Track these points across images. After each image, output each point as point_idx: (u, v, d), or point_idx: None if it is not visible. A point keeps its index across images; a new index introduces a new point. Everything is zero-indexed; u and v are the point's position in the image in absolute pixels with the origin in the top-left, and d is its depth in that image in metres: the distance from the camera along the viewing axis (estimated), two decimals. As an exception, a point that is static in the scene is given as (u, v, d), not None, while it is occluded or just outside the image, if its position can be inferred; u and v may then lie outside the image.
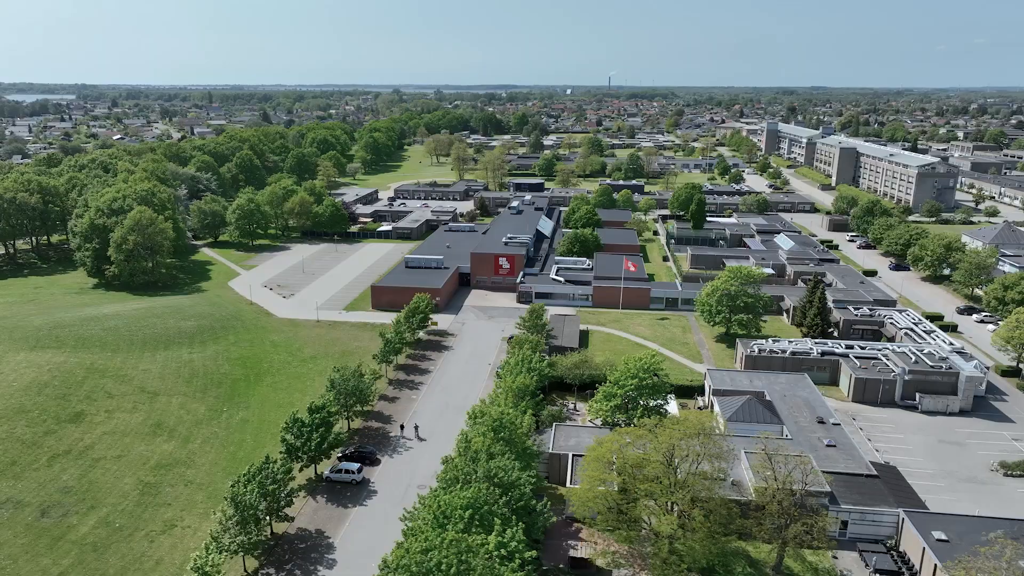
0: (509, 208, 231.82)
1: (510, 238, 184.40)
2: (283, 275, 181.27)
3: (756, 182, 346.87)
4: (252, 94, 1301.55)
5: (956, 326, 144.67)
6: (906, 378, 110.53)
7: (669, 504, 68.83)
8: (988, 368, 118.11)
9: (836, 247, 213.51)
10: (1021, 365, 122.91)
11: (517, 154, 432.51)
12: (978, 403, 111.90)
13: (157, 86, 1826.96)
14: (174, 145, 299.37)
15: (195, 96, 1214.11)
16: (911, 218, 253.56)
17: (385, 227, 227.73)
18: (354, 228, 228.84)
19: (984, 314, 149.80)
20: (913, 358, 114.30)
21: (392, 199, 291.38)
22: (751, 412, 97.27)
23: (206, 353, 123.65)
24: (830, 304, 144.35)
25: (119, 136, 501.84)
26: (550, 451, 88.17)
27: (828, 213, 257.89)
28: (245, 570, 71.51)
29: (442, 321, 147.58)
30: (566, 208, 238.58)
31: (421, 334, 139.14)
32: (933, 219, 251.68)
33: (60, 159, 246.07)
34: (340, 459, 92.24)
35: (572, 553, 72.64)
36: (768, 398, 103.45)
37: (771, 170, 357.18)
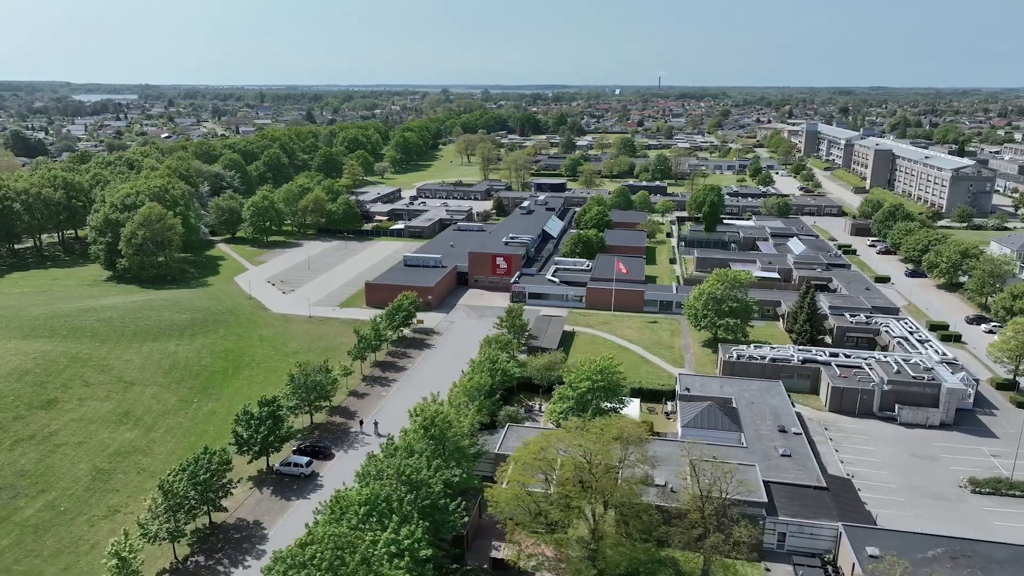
0: (520, 208, 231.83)
1: (512, 238, 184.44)
2: (288, 271, 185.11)
3: (788, 184, 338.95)
4: (304, 94, 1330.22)
5: (960, 336, 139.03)
6: (885, 388, 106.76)
7: (591, 509, 68.08)
8: (978, 380, 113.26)
9: (854, 252, 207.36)
10: (1019, 378, 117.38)
11: (548, 154, 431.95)
12: (964, 417, 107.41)
13: (216, 86, 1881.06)
14: (205, 143, 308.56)
15: (248, 96, 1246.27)
16: (941, 223, 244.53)
17: (398, 226, 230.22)
18: (367, 226, 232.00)
19: (993, 324, 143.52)
20: (895, 368, 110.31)
21: (414, 198, 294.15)
22: (709, 419, 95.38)
23: (192, 345, 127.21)
24: (826, 310, 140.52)
25: (166, 135, 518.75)
26: (496, 452, 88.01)
27: (853, 217, 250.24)
28: (175, 557, 73.43)
29: (432, 319, 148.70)
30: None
31: (407, 332, 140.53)
32: (964, 224, 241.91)
33: (90, 156, 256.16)
34: (295, 452, 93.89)
35: (493, 554, 72.63)
36: (734, 405, 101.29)
37: (804, 172, 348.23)
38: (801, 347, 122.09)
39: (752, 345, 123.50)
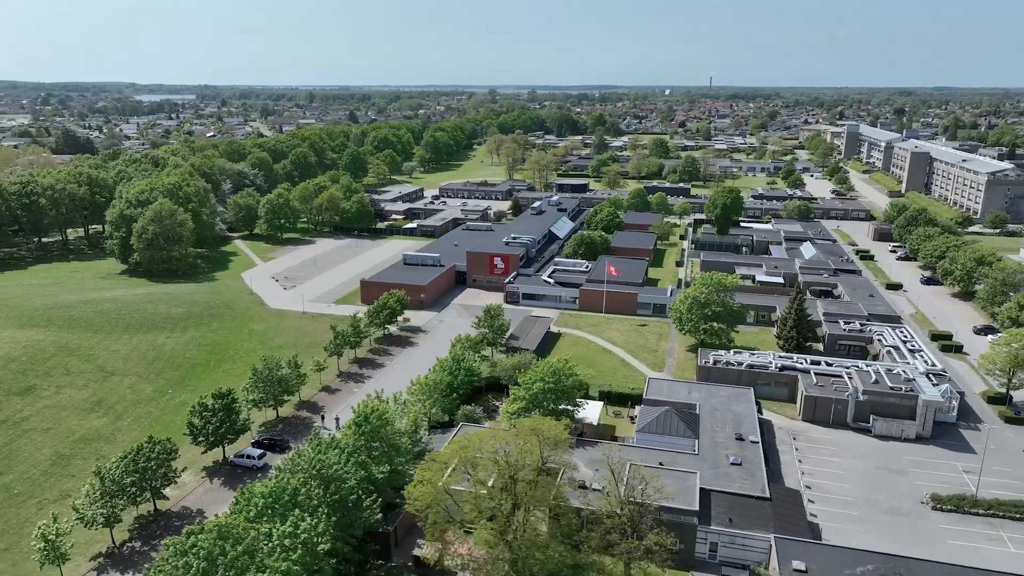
0: (531, 209, 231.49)
1: (513, 238, 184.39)
2: (295, 268, 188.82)
3: (821, 187, 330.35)
4: (353, 94, 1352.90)
5: (961, 347, 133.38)
6: (859, 399, 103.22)
7: (505, 510, 67.74)
8: (962, 393, 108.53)
9: (872, 257, 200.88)
10: (1011, 392, 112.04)
11: (579, 155, 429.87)
12: (945, 430, 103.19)
13: (272, 86, 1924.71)
14: (235, 142, 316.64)
15: (300, 96, 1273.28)
16: (972, 229, 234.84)
17: (411, 224, 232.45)
18: (381, 225, 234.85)
19: (1000, 334, 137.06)
20: (873, 378, 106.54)
21: (435, 197, 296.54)
22: (665, 424, 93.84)
23: (182, 338, 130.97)
24: (820, 317, 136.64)
25: (212, 134, 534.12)
26: (442, 450, 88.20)
27: (882, 221, 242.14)
28: (113, 542, 75.83)
29: (422, 318, 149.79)
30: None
31: (393, 329, 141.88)
32: (997, 230, 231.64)
33: (119, 153, 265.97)
34: (252, 445, 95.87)
35: (415, 552, 72.96)
36: (696, 411, 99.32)
37: (839, 175, 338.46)
38: (782, 354, 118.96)
39: (732, 351, 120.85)
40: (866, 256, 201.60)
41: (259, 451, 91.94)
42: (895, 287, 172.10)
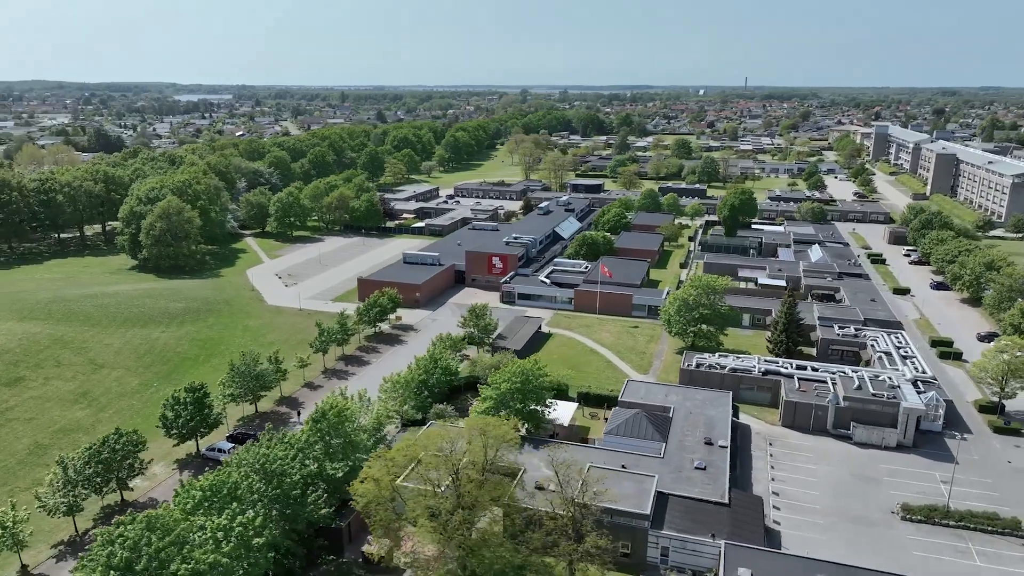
0: (538, 209, 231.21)
1: (515, 238, 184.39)
2: (300, 265, 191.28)
3: (844, 189, 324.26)
4: (386, 94, 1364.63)
5: (961, 354, 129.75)
6: (839, 405, 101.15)
7: (445, 508, 67.86)
8: (949, 401, 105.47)
9: (883, 261, 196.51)
10: (1004, 401, 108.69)
11: (599, 155, 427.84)
12: (929, 439, 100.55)
13: (308, 86, 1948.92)
14: (254, 142, 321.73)
15: (333, 96, 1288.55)
16: (993, 233, 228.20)
17: (419, 224, 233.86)
18: (391, 224, 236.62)
19: (1004, 342, 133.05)
20: (856, 384, 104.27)
21: (450, 196, 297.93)
22: (633, 427, 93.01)
23: (176, 333, 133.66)
24: (815, 321, 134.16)
25: (241, 133, 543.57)
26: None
27: (899, 224, 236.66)
28: (76, 530, 77.76)
29: (416, 316, 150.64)
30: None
31: (385, 327, 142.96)
32: (1020, 235, 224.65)
33: (138, 151, 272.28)
34: (227, 439, 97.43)
35: (364, 548, 73.47)
36: (670, 415, 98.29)
37: (862, 176, 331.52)
38: (768, 359, 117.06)
39: (718, 354, 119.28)
40: (877, 260, 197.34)
41: (231, 445, 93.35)
42: (902, 292, 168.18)
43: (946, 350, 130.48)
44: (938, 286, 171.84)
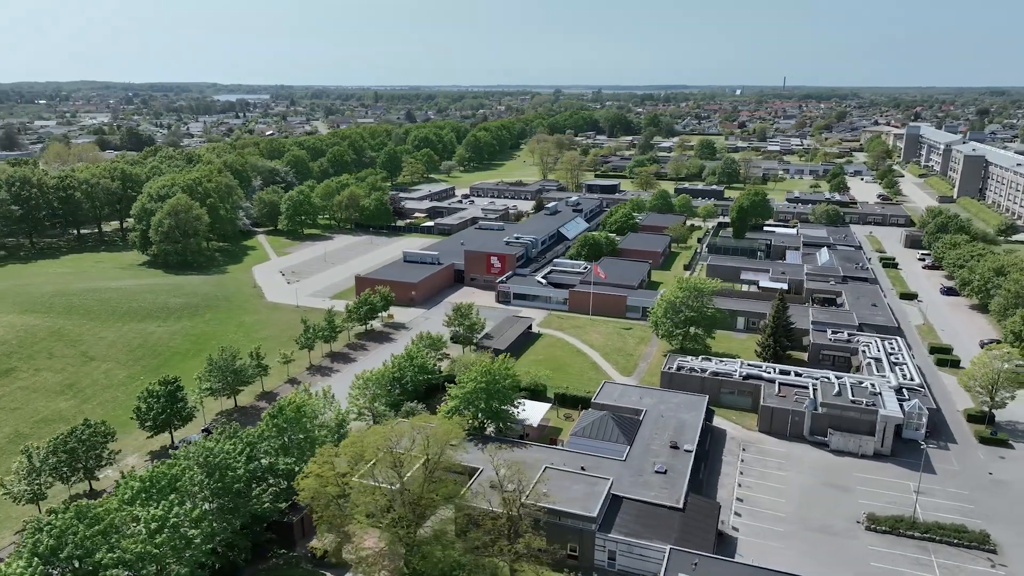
0: (546, 208, 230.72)
1: (516, 238, 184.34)
2: (305, 263, 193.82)
3: (870, 191, 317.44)
4: (419, 94, 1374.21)
5: (959, 362, 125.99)
6: (816, 411, 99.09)
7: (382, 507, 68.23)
8: (935, 409, 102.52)
9: (895, 265, 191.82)
10: (995, 411, 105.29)
11: (621, 155, 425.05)
12: (910, 448, 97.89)
13: (346, 86, 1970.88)
14: (275, 141, 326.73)
15: (367, 96, 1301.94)
16: (1017, 237, 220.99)
17: (428, 223, 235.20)
18: (401, 223, 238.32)
19: (1005, 351, 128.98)
20: (836, 390, 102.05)
21: (465, 196, 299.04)
22: (599, 429, 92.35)
23: (172, 328, 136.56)
24: (808, 326, 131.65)
25: (270, 132, 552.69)
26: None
27: (918, 227, 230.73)
28: (41, 518, 79.93)
29: (410, 315, 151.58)
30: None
31: (377, 325, 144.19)
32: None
33: (157, 150, 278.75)
34: (202, 431, 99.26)
35: (310, 544, 74.21)
36: (640, 418, 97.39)
37: (888, 178, 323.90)
38: (751, 363, 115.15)
39: (701, 358, 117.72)
40: (890, 263, 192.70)
41: (197, 437, 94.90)
42: (910, 297, 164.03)
43: (944, 357, 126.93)
44: (948, 291, 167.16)
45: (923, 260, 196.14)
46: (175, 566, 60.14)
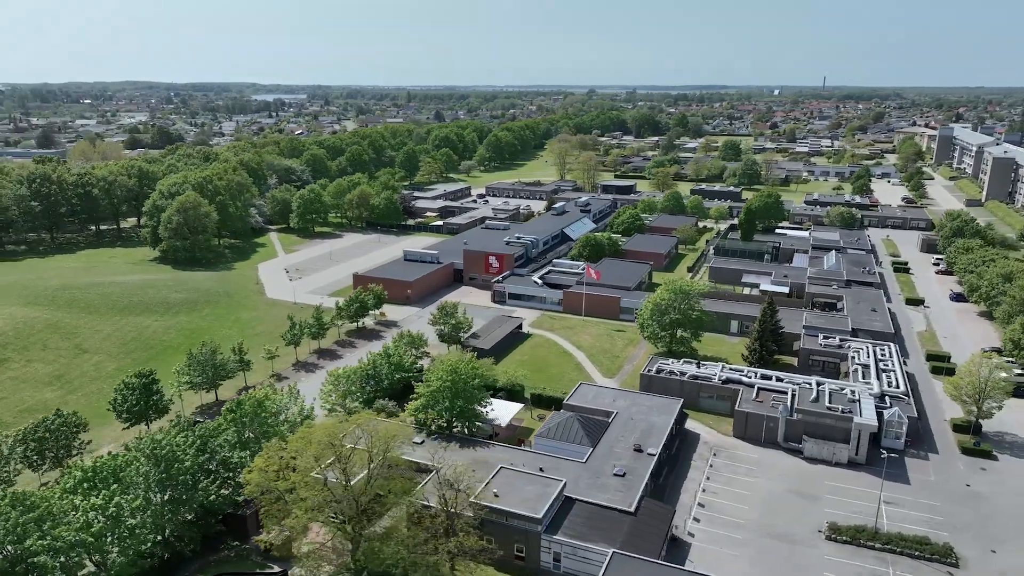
0: (553, 209, 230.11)
1: (517, 238, 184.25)
2: (310, 260, 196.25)
3: (896, 193, 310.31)
4: (452, 94, 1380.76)
5: (955, 370, 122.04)
6: (790, 418, 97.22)
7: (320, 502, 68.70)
8: (915, 418, 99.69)
9: (907, 270, 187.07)
10: (981, 420, 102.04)
11: (644, 155, 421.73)
12: (888, 457, 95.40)
13: (382, 87, 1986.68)
14: (295, 140, 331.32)
15: (401, 96, 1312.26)
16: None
17: (438, 222, 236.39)
18: (411, 222, 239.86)
19: (1006, 359, 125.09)
20: (814, 396, 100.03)
21: (480, 196, 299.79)
22: (563, 431, 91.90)
23: (168, 322, 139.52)
24: (800, 330, 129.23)
25: (300, 132, 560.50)
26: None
27: (937, 231, 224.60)
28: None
29: (404, 313, 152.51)
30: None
31: (369, 322, 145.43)
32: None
33: (176, 148, 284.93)
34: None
35: (256, 537, 75.06)
36: (609, 420, 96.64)
37: (914, 181, 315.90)
38: (732, 367, 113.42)
39: (683, 361, 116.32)
40: (902, 268, 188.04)
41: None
42: (916, 302, 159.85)
43: (939, 365, 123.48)
44: (957, 297, 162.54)
45: (938, 265, 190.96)
46: (113, 555, 61.47)
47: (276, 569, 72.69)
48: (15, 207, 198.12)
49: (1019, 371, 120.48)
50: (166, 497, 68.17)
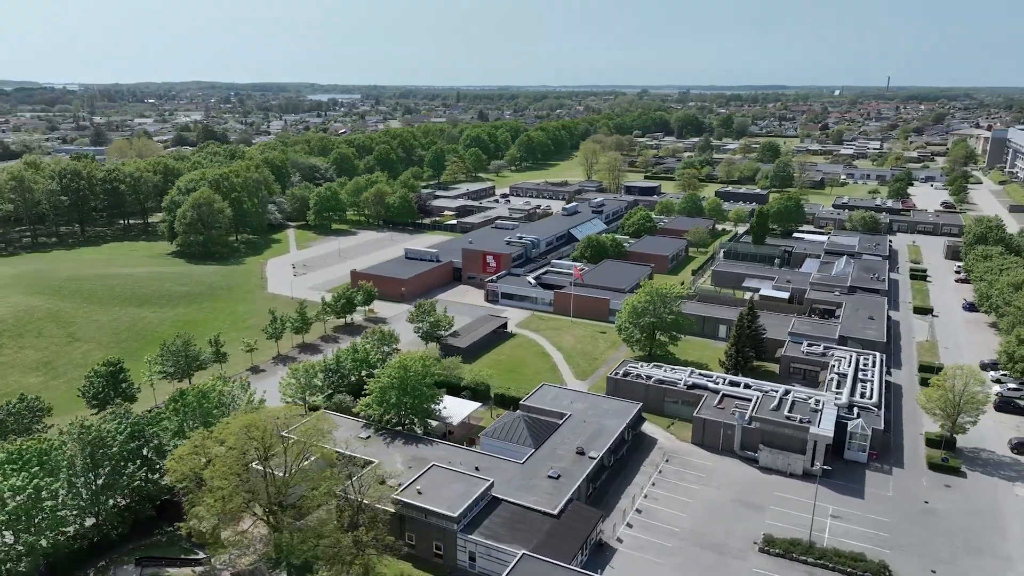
0: (564, 209, 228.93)
1: (518, 238, 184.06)
2: (319, 257, 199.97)
3: (937, 197, 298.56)
4: (501, 95, 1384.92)
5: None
6: (748, 425, 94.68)
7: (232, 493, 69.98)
8: (882, 430, 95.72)
9: (924, 277, 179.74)
10: (956, 435, 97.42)
11: (679, 156, 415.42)
12: (851, 469, 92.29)
13: (436, 87, 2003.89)
14: (325, 138, 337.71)
15: (451, 96, 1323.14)
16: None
17: (451, 221, 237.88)
18: (427, 220, 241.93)
19: (1001, 372, 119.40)
20: (775, 404, 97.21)
21: (503, 195, 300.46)
22: (508, 431, 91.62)
23: (165, 314, 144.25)
24: (785, 337, 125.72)
25: (343, 130, 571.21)
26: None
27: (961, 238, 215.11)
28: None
29: (395, 310, 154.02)
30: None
31: (359, 318, 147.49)
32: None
33: (206, 146, 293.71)
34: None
35: (178, 524, 76.80)
36: (561, 422, 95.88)
37: (957, 184, 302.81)
38: (702, 372, 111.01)
39: (652, 365, 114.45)
40: (919, 275, 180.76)
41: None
42: (924, 311, 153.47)
43: (929, 376, 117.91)
44: (970, 307, 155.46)
45: (959, 272, 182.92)
46: (27, 535, 64.08)
47: (200, 555, 74.54)
48: (46, 201, 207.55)
49: (1013, 385, 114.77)
50: (97, 482, 70.54)
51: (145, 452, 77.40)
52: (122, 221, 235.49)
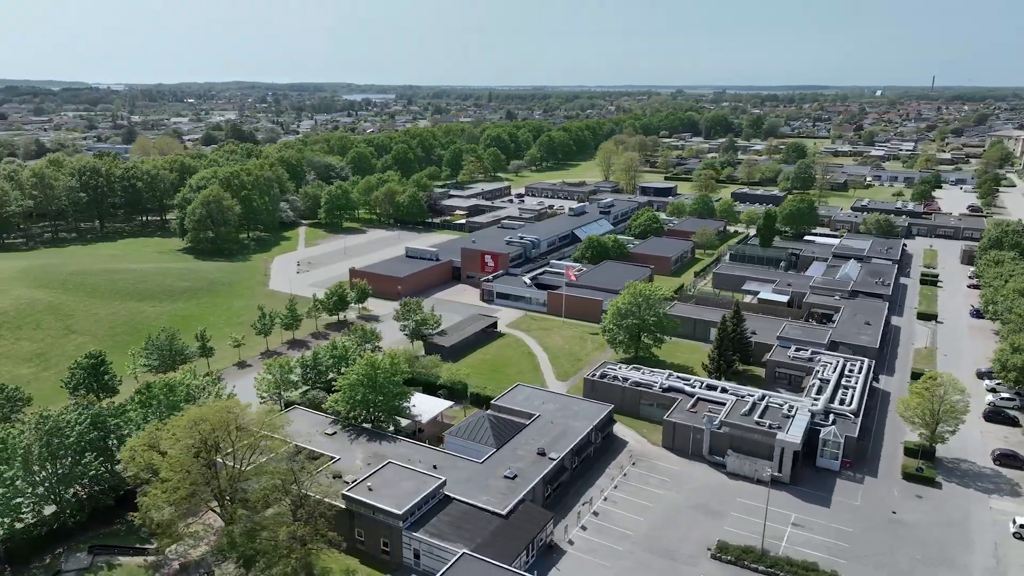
0: (570, 210, 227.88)
1: (519, 238, 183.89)
2: (324, 254, 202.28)
3: (964, 201, 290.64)
4: (534, 94, 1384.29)
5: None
6: (715, 430, 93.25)
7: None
8: (854, 438, 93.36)
9: (935, 283, 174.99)
10: (935, 445, 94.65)
11: (701, 157, 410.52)
12: (822, 477, 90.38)
13: (471, 87, 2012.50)
14: (344, 137, 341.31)
15: (483, 96, 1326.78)
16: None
17: (460, 220, 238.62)
18: (436, 219, 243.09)
19: (996, 382, 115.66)
20: (747, 409, 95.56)
21: (518, 195, 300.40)
22: (472, 430, 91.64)
23: (164, 308, 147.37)
24: (774, 340, 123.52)
25: (371, 129, 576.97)
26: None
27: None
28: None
29: (390, 308, 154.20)
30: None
31: (352, 316, 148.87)
32: None
33: (223, 146, 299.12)
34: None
35: (130, 514, 77.99)
36: (528, 422, 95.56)
37: (985, 187, 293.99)
38: (679, 375, 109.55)
39: (630, 367, 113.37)
40: (930, 280, 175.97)
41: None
42: (929, 317, 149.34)
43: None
44: (977, 313, 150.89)
45: (973, 278, 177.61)
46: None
47: (154, 545, 75.97)
48: (65, 198, 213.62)
49: (1007, 395, 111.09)
50: (57, 471, 72.46)
51: (109, 443, 79.05)
52: (140, 217, 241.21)
